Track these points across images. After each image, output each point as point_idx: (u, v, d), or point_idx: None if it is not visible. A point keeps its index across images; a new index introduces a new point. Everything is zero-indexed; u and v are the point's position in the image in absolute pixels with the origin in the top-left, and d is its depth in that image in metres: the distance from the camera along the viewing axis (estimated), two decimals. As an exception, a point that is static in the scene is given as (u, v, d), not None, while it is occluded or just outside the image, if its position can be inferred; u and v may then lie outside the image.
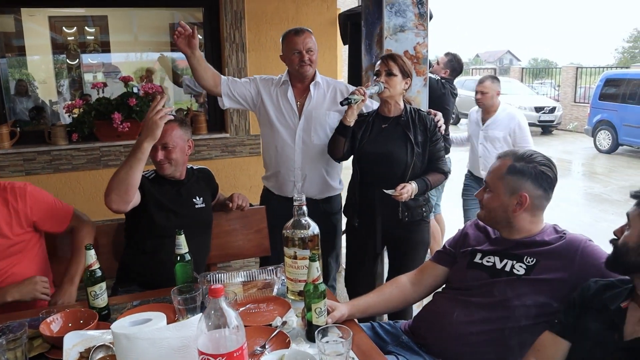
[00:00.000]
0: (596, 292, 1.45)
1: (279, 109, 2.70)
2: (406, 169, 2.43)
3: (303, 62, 2.61)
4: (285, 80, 2.71)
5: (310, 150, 2.69)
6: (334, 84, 2.77)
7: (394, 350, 1.76)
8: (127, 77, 3.81)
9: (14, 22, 6.34)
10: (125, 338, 1.15)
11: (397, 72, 2.42)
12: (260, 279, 1.96)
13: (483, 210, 1.79)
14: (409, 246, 2.57)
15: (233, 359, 1.11)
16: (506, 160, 1.74)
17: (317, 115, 2.67)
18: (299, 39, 2.61)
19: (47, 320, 1.64)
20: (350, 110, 2.41)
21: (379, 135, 2.49)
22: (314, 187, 2.72)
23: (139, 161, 2.05)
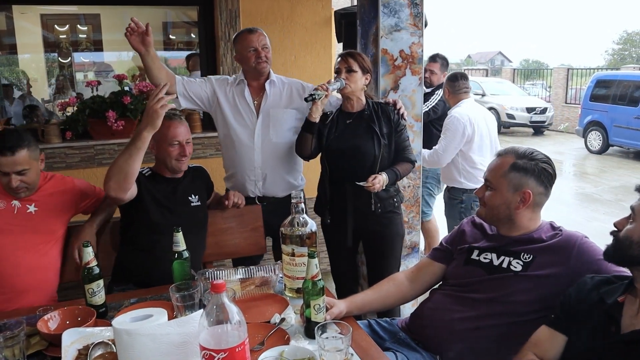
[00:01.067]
0: (593, 287, 1.46)
1: (236, 108, 2.69)
2: (375, 162, 2.46)
3: (260, 59, 2.61)
4: (241, 80, 2.70)
5: (269, 148, 2.69)
6: (288, 82, 2.77)
7: (392, 347, 1.77)
8: (121, 75, 3.79)
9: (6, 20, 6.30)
10: (127, 334, 1.15)
11: (357, 68, 2.46)
12: (258, 276, 1.96)
13: (484, 207, 1.79)
14: (383, 239, 2.60)
15: (235, 354, 1.11)
16: (508, 157, 1.75)
17: (275, 113, 2.68)
18: (254, 36, 2.61)
19: (45, 318, 1.64)
20: (315, 106, 2.44)
21: (345, 131, 2.52)
22: (275, 186, 2.73)
23: (139, 150, 2.05)
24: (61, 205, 2.23)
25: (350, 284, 2.77)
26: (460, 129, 3.57)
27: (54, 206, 2.20)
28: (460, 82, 3.76)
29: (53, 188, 2.24)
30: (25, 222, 2.13)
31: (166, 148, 2.27)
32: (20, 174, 2.08)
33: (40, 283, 2.17)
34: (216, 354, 1.09)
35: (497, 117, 14.79)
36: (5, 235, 2.09)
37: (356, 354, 1.50)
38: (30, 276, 2.13)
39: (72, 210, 2.29)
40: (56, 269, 2.26)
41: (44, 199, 2.19)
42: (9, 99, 5.25)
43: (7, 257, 2.09)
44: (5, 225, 2.10)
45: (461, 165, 3.66)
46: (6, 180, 2.07)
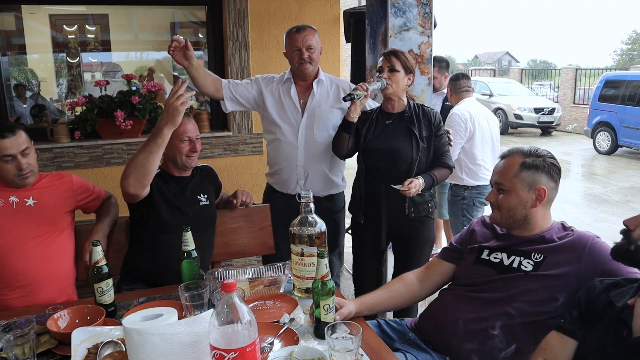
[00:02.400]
0: (602, 291, 1.45)
1: (282, 106, 2.70)
2: (412, 165, 2.44)
3: (302, 59, 2.60)
4: (288, 78, 2.71)
5: (313, 147, 2.68)
6: (337, 81, 2.77)
7: (401, 348, 1.75)
8: (130, 74, 3.81)
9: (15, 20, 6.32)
10: (137, 333, 1.14)
11: (399, 68, 2.43)
12: (267, 276, 1.95)
13: (498, 212, 1.76)
14: (414, 243, 2.57)
15: (245, 354, 1.10)
16: (515, 157, 1.74)
17: (320, 112, 2.67)
18: (299, 36, 2.60)
19: (55, 317, 1.64)
20: (354, 106, 2.41)
21: (383, 132, 2.49)
22: (316, 185, 2.72)
23: (159, 147, 2.06)
24: (58, 195, 2.25)
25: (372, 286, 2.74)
26: (463, 125, 3.61)
27: (52, 197, 2.22)
28: (461, 82, 3.82)
29: (50, 182, 2.26)
30: (26, 216, 2.15)
31: (177, 144, 2.27)
32: (24, 155, 2.12)
33: (54, 275, 2.18)
34: (226, 354, 1.09)
35: (505, 118, 14.74)
36: (9, 230, 2.11)
37: (366, 355, 1.49)
38: (42, 267, 2.14)
39: (71, 202, 2.30)
40: (68, 259, 2.27)
41: (41, 191, 2.21)
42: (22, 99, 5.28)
43: (16, 252, 2.11)
44: (7, 222, 2.11)
45: (463, 163, 3.69)
46: (13, 165, 2.10)
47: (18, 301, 2.09)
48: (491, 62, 47.80)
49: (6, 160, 2.08)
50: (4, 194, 2.15)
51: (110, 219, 2.37)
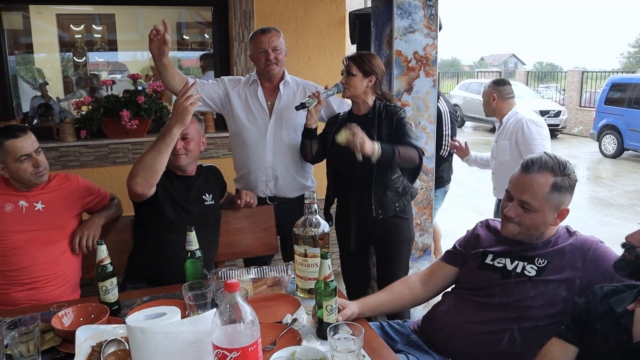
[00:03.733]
0: (602, 297, 1.45)
1: (249, 108, 2.70)
2: (372, 165, 2.39)
3: (269, 61, 2.61)
4: (254, 80, 2.72)
5: (281, 148, 2.69)
6: (303, 83, 2.78)
7: (404, 349, 1.76)
8: (136, 74, 3.82)
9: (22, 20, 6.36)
10: (140, 332, 1.15)
11: (355, 71, 2.44)
12: (270, 276, 1.96)
13: (517, 227, 1.70)
14: (390, 244, 2.59)
15: (247, 353, 1.11)
16: (546, 175, 1.64)
17: (288, 114, 2.68)
18: (265, 37, 2.61)
19: (59, 314, 1.65)
20: (310, 114, 2.47)
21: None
22: (286, 186, 2.73)
23: (168, 146, 2.09)
24: (66, 200, 2.27)
25: (360, 286, 2.76)
26: (547, 133, 3.38)
27: (59, 202, 2.24)
28: (507, 87, 3.56)
29: (57, 185, 2.28)
30: (35, 220, 2.16)
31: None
32: (38, 153, 2.16)
33: (60, 276, 2.21)
34: (229, 353, 1.10)
35: (510, 120, 14.66)
36: (19, 234, 2.13)
37: (368, 355, 1.49)
38: (48, 268, 2.17)
39: (77, 206, 2.31)
40: (75, 261, 2.29)
41: (49, 195, 2.23)
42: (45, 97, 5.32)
43: (24, 253, 2.14)
44: (18, 226, 2.13)
45: None
46: (29, 164, 2.12)
47: (24, 298, 2.12)
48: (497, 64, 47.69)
49: (22, 160, 2.10)
50: (13, 198, 2.16)
51: (108, 213, 2.39)
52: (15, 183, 2.17)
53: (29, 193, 2.18)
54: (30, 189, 2.19)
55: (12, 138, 2.09)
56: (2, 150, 2.09)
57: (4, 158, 2.09)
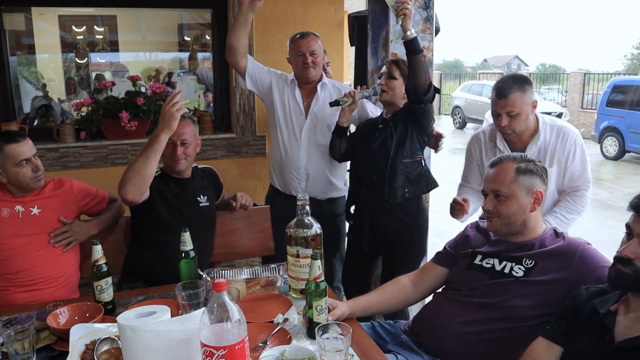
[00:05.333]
0: (587, 298, 1.47)
1: (287, 106, 2.76)
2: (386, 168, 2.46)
3: (306, 64, 2.67)
4: (292, 80, 2.78)
5: (315, 149, 2.74)
6: (339, 86, 2.83)
7: (394, 349, 1.78)
8: (135, 76, 3.86)
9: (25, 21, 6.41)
10: (130, 330, 1.18)
11: (398, 76, 2.49)
12: (264, 277, 1.98)
13: (498, 219, 1.75)
14: (399, 254, 2.60)
15: (234, 351, 1.14)
16: (508, 164, 1.75)
17: (323, 115, 2.73)
18: (303, 41, 2.67)
19: (54, 313, 1.68)
20: (343, 112, 2.51)
21: (369, 135, 2.56)
22: (317, 187, 2.76)
23: (156, 152, 2.12)
24: (62, 204, 2.29)
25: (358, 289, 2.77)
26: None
27: (55, 206, 2.26)
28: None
29: (52, 190, 2.30)
30: (32, 225, 2.19)
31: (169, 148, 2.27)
32: (36, 157, 2.19)
33: (59, 277, 2.24)
34: (216, 351, 1.12)
35: (512, 122, 14.66)
36: (17, 238, 2.16)
37: (356, 355, 1.52)
38: (46, 271, 2.20)
39: (73, 208, 2.33)
40: (74, 263, 2.32)
41: (45, 200, 2.25)
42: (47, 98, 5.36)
43: (23, 256, 2.16)
44: (15, 230, 2.16)
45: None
46: (29, 169, 2.15)
47: (24, 299, 2.14)
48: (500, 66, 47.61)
49: (22, 164, 2.13)
50: (10, 203, 2.19)
51: (104, 218, 2.41)
52: (12, 188, 2.19)
53: (24, 198, 2.21)
54: (27, 193, 2.21)
55: (12, 143, 2.12)
56: (2, 155, 2.11)
57: (3, 163, 2.12)
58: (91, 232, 2.30)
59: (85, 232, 2.29)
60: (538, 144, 2.33)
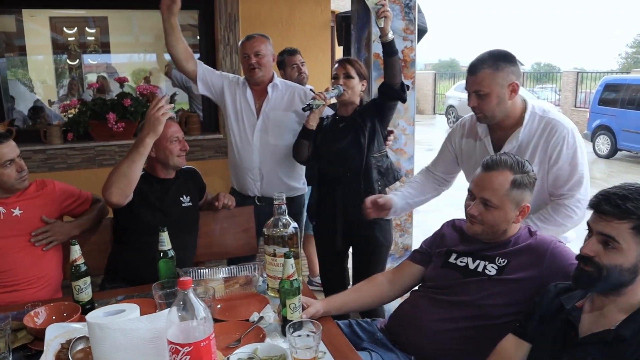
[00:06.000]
0: (555, 295, 1.49)
1: (239, 108, 2.78)
2: (362, 162, 2.49)
3: (251, 65, 2.69)
4: (244, 82, 2.80)
5: (268, 150, 2.76)
6: (292, 86, 2.85)
7: (369, 347, 1.79)
8: (123, 77, 3.88)
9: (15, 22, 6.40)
10: (99, 328, 1.20)
11: (354, 74, 2.52)
12: (242, 275, 2.00)
13: (480, 226, 1.74)
14: (371, 247, 2.63)
15: (200, 348, 1.15)
16: (504, 173, 1.69)
17: (275, 116, 2.75)
18: (248, 43, 2.71)
19: (32, 313, 1.69)
20: (313, 114, 2.52)
21: (334, 135, 2.58)
22: (272, 187, 2.77)
23: (141, 156, 2.15)
24: (43, 205, 2.29)
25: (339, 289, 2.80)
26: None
27: (37, 207, 2.26)
28: None
29: (34, 192, 2.30)
30: (13, 226, 2.19)
31: (168, 146, 2.33)
32: (20, 159, 2.20)
33: (41, 278, 2.24)
34: (181, 348, 1.14)
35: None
36: None
37: (329, 352, 1.53)
38: (28, 272, 2.20)
39: (56, 209, 2.34)
40: (56, 265, 2.33)
41: (26, 201, 2.25)
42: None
43: (4, 256, 2.17)
44: None
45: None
46: (13, 169, 2.16)
47: (6, 300, 2.13)
48: (495, 65, 47.54)
49: (6, 165, 2.14)
50: None
51: (86, 220, 2.42)
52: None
53: (7, 200, 2.21)
54: (10, 195, 2.22)
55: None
56: None
57: None
58: (72, 233, 2.31)
59: (66, 232, 2.30)
60: (519, 138, 2.02)
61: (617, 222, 1.30)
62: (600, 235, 1.33)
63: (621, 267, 1.29)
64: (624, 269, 1.29)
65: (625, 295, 1.33)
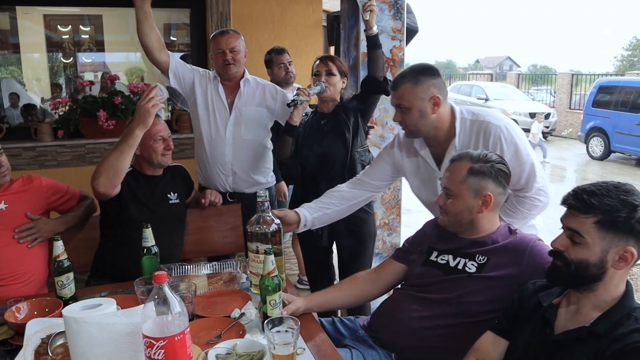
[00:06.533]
0: (533, 292, 1.50)
1: (210, 103, 2.77)
2: (346, 157, 2.53)
3: (226, 61, 2.68)
4: (215, 77, 2.79)
5: (240, 145, 2.76)
6: (262, 83, 2.85)
7: (350, 344, 1.80)
8: (114, 75, 3.88)
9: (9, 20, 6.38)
10: (75, 322, 1.20)
11: (335, 71, 2.55)
12: (226, 272, 2.01)
13: (446, 216, 1.79)
14: (357, 239, 2.66)
15: (174, 342, 1.16)
16: (463, 163, 1.75)
17: (248, 111, 2.75)
18: (222, 38, 2.69)
19: (13, 308, 1.69)
20: (296, 110, 2.52)
21: (316, 132, 2.60)
22: (244, 182, 2.79)
23: (130, 147, 2.15)
24: (29, 200, 2.30)
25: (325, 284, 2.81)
26: None
27: (22, 202, 2.27)
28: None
29: (20, 187, 2.31)
30: None
31: (151, 145, 2.33)
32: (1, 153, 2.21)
33: (26, 273, 2.24)
34: (156, 342, 1.15)
35: (500, 122, 14.77)
36: None
37: (308, 349, 1.54)
38: (13, 267, 2.20)
39: (42, 205, 2.34)
40: (42, 261, 2.32)
41: (12, 196, 2.26)
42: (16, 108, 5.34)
43: None
44: None
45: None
46: None
47: None
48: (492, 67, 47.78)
49: None
50: None
51: (73, 216, 2.42)
52: None
53: None
54: None
55: None
56: None
57: None
58: (57, 230, 2.31)
59: (51, 229, 2.30)
60: (457, 147, 1.99)
61: (583, 217, 1.33)
62: (568, 230, 1.36)
63: (587, 261, 1.32)
64: (591, 264, 1.32)
65: (597, 292, 1.34)
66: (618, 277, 1.34)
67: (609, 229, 1.30)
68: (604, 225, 1.30)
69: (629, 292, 1.36)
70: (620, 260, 1.31)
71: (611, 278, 1.33)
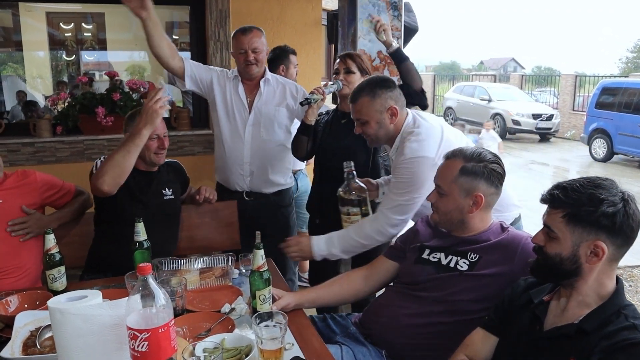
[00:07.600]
0: (524, 289, 1.49)
1: (230, 102, 2.76)
2: (367, 159, 2.49)
3: (248, 61, 2.67)
4: (236, 76, 2.78)
5: (259, 145, 2.75)
6: (283, 81, 2.84)
7: (341, 341, 1.80)
8: (113, 72, 3.88)
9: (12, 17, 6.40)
10: (60, 313, 1.20)
11: (355, 69, 2.51)
12: (218, 267, 2.01)
13: (437, 214, 1.79)
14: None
15: (158, 334, 1.16)
16: (456, 161, 1.73)
17: (267, 111, 2.74)
18: (245, 38, 2.66)
19: (3, 301, 1.70)
20: (311, 109, 2.49)
21: (337, 131, 2.56)
22: (262, 182, 2.78)
23: (137, 147, 2.15)
24: (24, 195, 2.29)
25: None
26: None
27: (17, 197, 2.27)
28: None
29: (15, 182, 2.30)
30: None
31: (146, 142, 2.32)
32: None
33: (20, 267, 2.25)
34: (139, 334, 1.14)
35: (503, 123, 14.77)
36: None
37: (297, 344, 1.54)
38: (8, 261, 2.21)
39: (36, 200, 2.34)
40: (35, 254, 2.32)
41: (6, 191, 2.26)
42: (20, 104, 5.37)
43: None
44: None
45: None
46: None
47: None
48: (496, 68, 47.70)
49: None
50: None
51: (67, 212, 2.43)
52: None
53: None
54: None
55: None
56: None
57: None
58: (51, 226, 2.30)
59: (45, 224, 2.29)
60: (392, 157, 2.17)
61: (553, 212, 1.35)
62: (544, 226, 1.38)
63: (561, 255, 1.33)
64: (564, 258, 1.33)
65: (578, 288, 1.34)
66: (599, 273, 1.33)
67: (577, 223, 1.31)
68: (571, 219, 1.31)
69: (619, 289, 1.35)
70: (592, 255, 1.31)
71: (589, 273, 1.32)
